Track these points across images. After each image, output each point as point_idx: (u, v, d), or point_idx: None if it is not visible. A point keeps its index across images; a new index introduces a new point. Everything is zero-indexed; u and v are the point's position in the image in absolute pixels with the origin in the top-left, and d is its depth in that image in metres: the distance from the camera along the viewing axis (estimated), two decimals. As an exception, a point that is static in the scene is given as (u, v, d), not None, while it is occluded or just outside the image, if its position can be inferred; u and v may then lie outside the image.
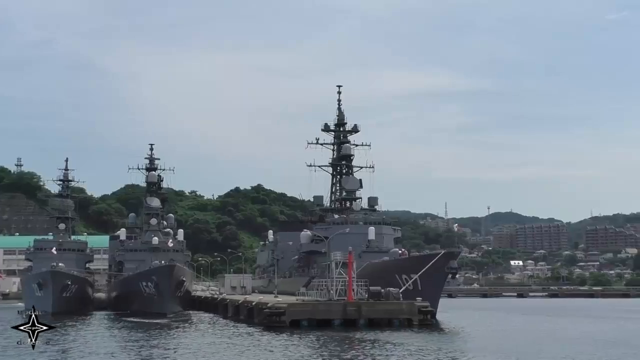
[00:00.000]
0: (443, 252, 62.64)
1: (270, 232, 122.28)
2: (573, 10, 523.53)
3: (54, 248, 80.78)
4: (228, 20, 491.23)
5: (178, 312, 73.79)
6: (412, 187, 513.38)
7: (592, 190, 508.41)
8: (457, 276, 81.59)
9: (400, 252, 73.57)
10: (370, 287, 55.59)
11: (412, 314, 53.30)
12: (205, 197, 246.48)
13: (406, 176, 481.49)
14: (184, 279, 73.49)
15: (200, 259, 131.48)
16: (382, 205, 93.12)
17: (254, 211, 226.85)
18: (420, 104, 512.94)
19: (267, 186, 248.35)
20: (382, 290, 55.35)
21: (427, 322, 53.36)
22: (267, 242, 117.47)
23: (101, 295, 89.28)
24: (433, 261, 60.40)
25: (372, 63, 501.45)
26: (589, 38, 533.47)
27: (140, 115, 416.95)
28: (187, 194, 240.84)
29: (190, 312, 77.00)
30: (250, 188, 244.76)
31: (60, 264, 78.23)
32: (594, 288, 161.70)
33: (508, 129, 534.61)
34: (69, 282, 74.56)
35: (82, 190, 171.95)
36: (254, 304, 58.21)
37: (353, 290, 54.92)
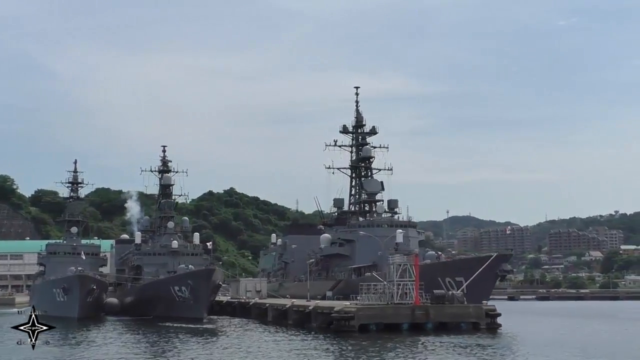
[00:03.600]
0: (496, 254, 62.49)
1: (274, 235, 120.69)
2: (524, 16, 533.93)
3: (82, 252, 77.63)
4: (176, 22, 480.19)
5: (208, 317, 71.69)
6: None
7: (546, 193, 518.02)
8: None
9: (436, 255, 73.18)
10: (435, 290, 54.92)
11: (479, 318, 52.74)
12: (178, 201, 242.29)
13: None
14: (220, 283, 71.70)
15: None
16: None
17: (228, 215, 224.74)
18: (373, 107, 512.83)
19: (239, 190, 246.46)
20: (446, 294, 54.75)
21: (495, 326, 52.85)
22: (271, 245, 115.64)
23: (113, 300, 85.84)
24: (487, 263, 60.16)
25: (326, 67, 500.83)
26: (540, 43, 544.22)
27: (104, 119, 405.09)
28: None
29: (216, 317, 74.67)
30: (223, 192, 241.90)
31: (79, 268, 75.35)
32: (581, 291, 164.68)
33: (461, 132, 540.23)
34: (94, 287, 71.92)
35: (55, 194, 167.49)
36: (310, 308, 56.96)
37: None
